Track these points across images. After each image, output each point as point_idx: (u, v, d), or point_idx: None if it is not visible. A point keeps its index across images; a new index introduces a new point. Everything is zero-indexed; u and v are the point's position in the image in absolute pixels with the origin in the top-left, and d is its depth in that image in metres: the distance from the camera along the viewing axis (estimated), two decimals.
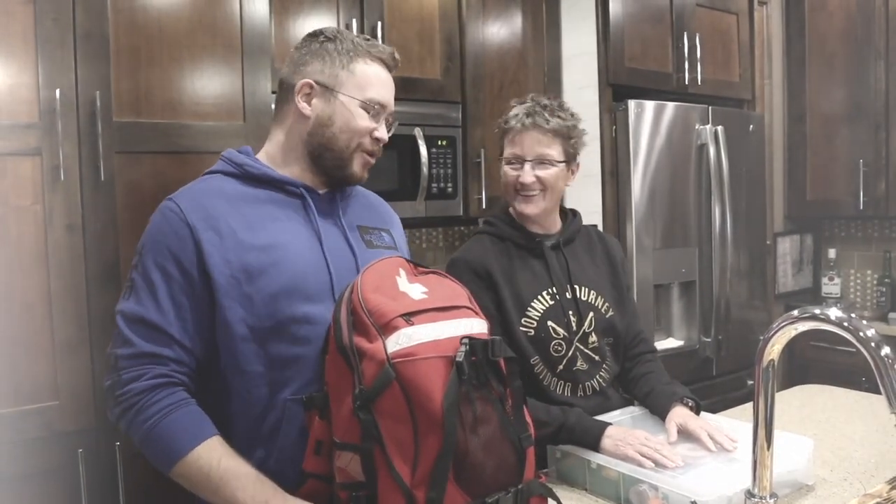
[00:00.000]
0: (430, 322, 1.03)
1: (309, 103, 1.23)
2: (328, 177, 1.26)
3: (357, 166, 1.25)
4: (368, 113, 1.23)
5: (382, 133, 1.26)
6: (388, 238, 1.36)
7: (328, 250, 1.21)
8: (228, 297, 1.13)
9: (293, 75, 1.25)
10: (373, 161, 1.28)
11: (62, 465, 1.58)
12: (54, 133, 1.56)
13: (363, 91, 1.23)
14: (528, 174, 1.56)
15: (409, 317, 1.02)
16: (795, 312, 1.01)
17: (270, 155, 1.28)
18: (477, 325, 1.08)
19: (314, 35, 1.27)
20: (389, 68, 1.28)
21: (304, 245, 1.20)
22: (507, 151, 1.60)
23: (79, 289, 1.60)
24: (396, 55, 1.29)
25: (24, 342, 1.54)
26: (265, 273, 1.14)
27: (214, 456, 1.07)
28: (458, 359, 0.98)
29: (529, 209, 1.58)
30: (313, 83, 1.22)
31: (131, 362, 1.11)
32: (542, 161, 1.56)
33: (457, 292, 1.14)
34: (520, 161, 1.57)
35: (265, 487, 1.07)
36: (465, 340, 1.01)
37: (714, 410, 1.68)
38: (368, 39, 1.28)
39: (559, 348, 1.56)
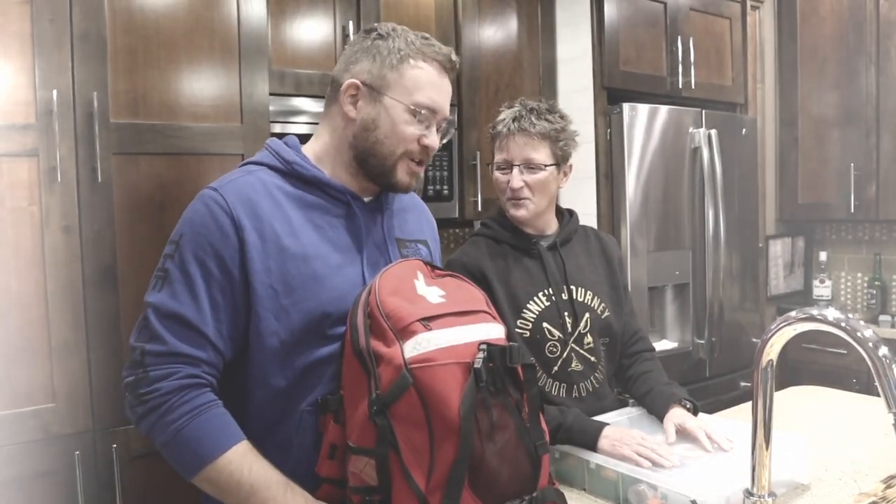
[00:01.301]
0: (447, 327, 1.02)
1: (355, 105, 1.17)
2: (374, 183, 1.20)
3: (402, 174, 1.18)
4: (416, 118, 1.16)
5: (432, 140, 1.18)
6: (426, 251, 1.31)
7: (368, 268, 1.17)
8: (264, 308, 1.08)
9: (343, 74, 1.19)
10: (420, 170, 1.21)
11: (59, 467, 1.57)
12: (51, 134, 1.55)
13: (411, 95, 1.15)
14: (516, 179, 1.56)
15: (427, 321, 1.01)
16: (793, 313, 1.01)
17: (317, 155, 1.21)
18: (495, 331, 1.07)
19: (368, 31, 1.20)
20: (446, 70, 1.19)
21: (345, 259, 1.15)
22: (497, 156, 1.61)
23: (75, 290, 1.59)
24: (454, 57, 1.20)
25: (21, 344, 1.53)
26: (304, 287, 1.10)
27: (245, 462, 1.03)
28: (475, 365, 0.97)
29: (520, 213, 1.59)
30: (360, 84, 1.16)
31: (161, 360, 1.04)
32: (529, 165, 1.56)
33: (475, 296, 1.13)
34: (508, 166, 1.58)
35: (296, 496, 1.04)
36: (483, 346, 1.00)
37: (708, 412, 1.69)
38: (427, 38, 1.19)
39: (554, 349, 1.57)
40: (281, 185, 1.15)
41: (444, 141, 1.23)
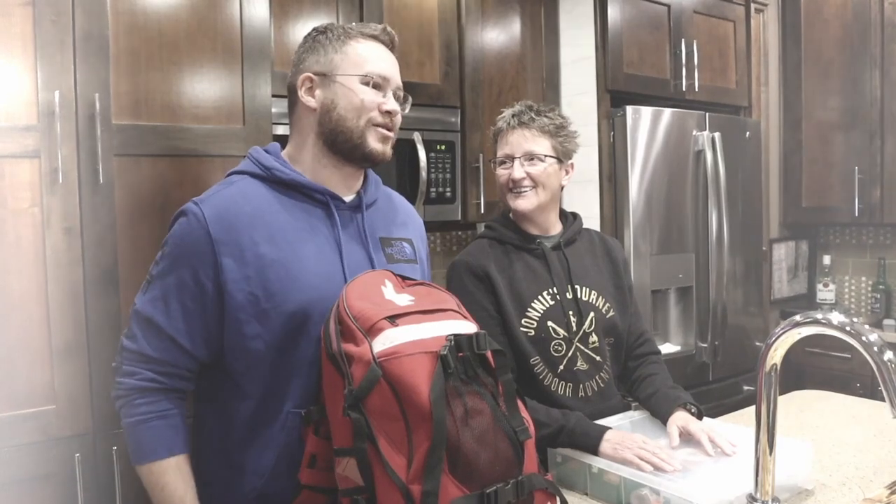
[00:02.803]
0: (414, 324, 1.04)
1: (312, 95, 1.24)
2: (350, 162, 1.26)
3: (374, 142, 1.24)
4: (370, 87, 1.23)
5: (391, 104, 1.24)
6: (410, 249, 1.35)
7: (348, 267, 1.21)
8: (246, 313, 1.15)
9: (295, 76, 1.27)
10: (391, 135, 1.26)
11: (59, 470, 1.56)
12: (53, 135, 1.55)
13: (360, 67, 1.23)
14: (517, 170, 1.59)
15: (394, 319, 1.04)
16: (798, 317, 1.01)
17: (292, 157, 1.28)
18: (464, 327, 1.09)
19: (308, 34, 1.30)
20: (385, 44, 1.28)
21: (325, 260, 1.20)
22: (499, 153, 1.64)
23: (76, 292, 1.59)
24: (389, 29, 1.29)
25: (21, 346, 1.53)
26: (283, 291, 1.15)
27: (162, 480, 1.14)
28: (442, 353, 0.99)
29: (522, 204, 1.60)
30: (312, 75, 1.24)
31: (131, 357, 1.17)
32: (530, 157, 1.59)
33: (443, 299, 1.15)
34: (510, 159, 1.61)
35: None
36: (451, 336, 1.02)
37: (711, 416, 1.68)
38: (362, 23, 1.29)
39: (559, 348, 1.57)
40: (262, 192, 1.22)
41: (406, 111, 1.30)
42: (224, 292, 1.15)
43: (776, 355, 1.05)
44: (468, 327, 1.09)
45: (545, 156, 1.59)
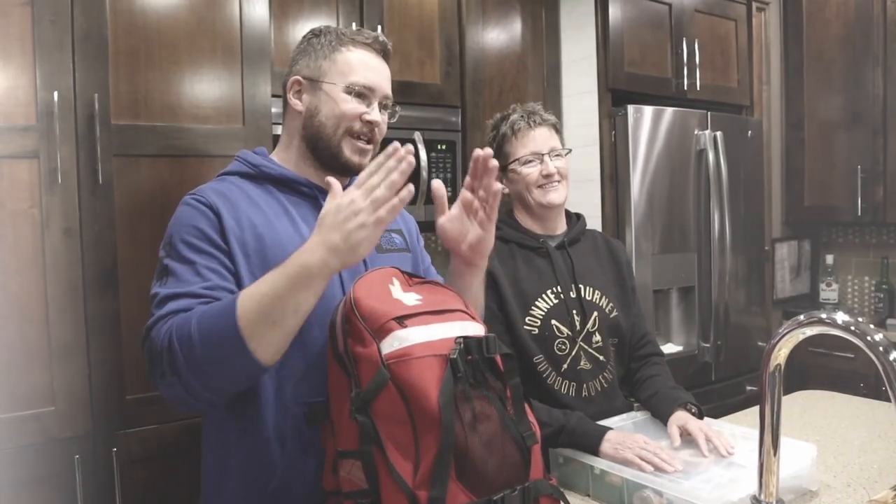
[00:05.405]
0: (423, 324, 1.03)
1: (300, 99, 1.28)
2: (328, 168, 1.27)
3: (349, 152, 1.26)
4: (352, 96, 1.24)
5: (374, 116, 1.25)
6: (400, 240, 1.37)
7: None
8: (249, 278, 1.13)
9: (287, 76, 1.30)
10: (369, 147, 1.28)
11: (58, 471, 1.56)
12: (52, 136, 1.55)
13: (345, 77, 1.24)
14: (550, 165, 1.62)
15: (402, 320, 1.02)
16: (802, 317, 0.99)
17: (281, 157, 1.32)
18: (472, 328, 1.08)
19: (305, 35, 1.32)
20: (377, 52, 1.29)
21: None
22: (522, 151, 1.64)
23: (76, 293, 1.58)
24: (382, 38, 1.30)
25: (21, 347, 1.53)
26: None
27: (248, 294, 1.02)
28: (451, 356, 0.98)
29: (556, 197, 1.63)
30: (301, 79, 1.27)
31: (159, 316, 1.08)
32: (554, 152, 1.64)
33: (451, 298, 1.14)
34: (537, 156, 1.62)
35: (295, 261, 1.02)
36: (460, 339, 1.01)
37: (713, 416, 1.68)
38: (358, 30, 1.30)
39: (563, 347, 1.57)
40: (252, 188, 1.24)
41: (393, 120, 1.32)
42: (232, 254, 1.15)
43: (780, 355, 1.04)
44: (476, 328, 1.08)
45: (564, 152, 1.65)
